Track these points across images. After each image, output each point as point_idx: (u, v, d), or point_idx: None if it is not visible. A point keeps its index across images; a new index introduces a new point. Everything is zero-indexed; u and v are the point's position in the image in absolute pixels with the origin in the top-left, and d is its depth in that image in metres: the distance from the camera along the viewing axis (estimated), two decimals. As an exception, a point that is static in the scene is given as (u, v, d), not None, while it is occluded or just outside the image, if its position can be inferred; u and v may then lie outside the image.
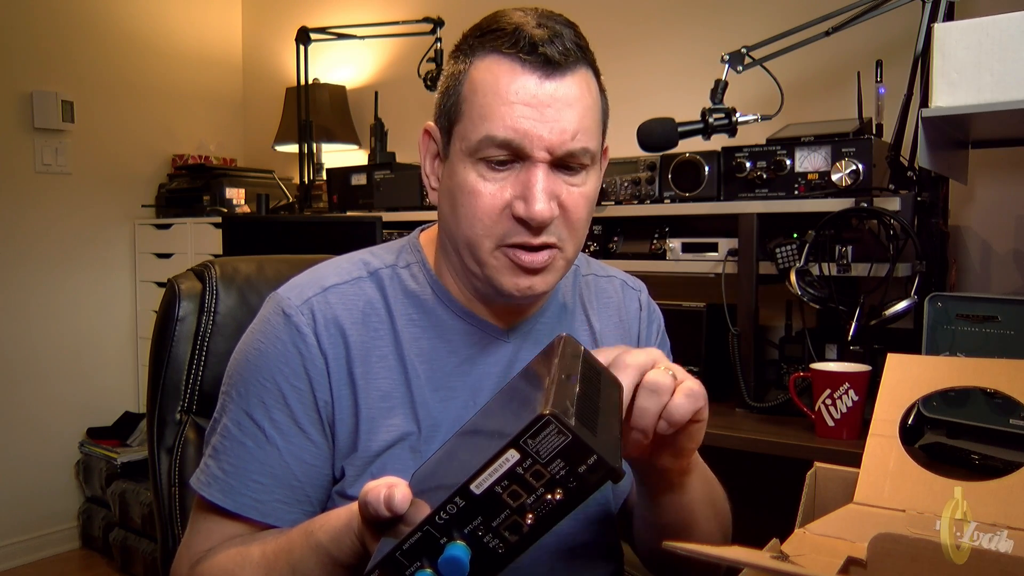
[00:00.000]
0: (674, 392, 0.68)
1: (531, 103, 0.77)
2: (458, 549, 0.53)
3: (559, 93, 0.78)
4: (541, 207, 0.77)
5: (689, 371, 1.96)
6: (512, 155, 0.78)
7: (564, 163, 0.80)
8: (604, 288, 1.01)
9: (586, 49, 0.82)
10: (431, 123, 0.87)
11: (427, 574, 0.54)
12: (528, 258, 0.80)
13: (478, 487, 0.53)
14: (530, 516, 0.54)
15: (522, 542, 0.54)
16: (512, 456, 0.53)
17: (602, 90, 0.86)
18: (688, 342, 1.91)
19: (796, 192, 1.75)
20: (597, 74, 0.85)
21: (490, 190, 0.79)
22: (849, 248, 1.70)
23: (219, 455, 0.83)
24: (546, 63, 0.77)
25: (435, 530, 0.54)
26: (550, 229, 0.80)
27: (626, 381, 0.67)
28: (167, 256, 3.14)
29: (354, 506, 0.67)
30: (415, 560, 0.54)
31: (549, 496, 0.53)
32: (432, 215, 1.07)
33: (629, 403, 0.68)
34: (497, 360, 0.89)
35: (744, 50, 1.77)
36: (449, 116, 0.83)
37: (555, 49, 0.77)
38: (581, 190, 0.81)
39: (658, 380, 0.67)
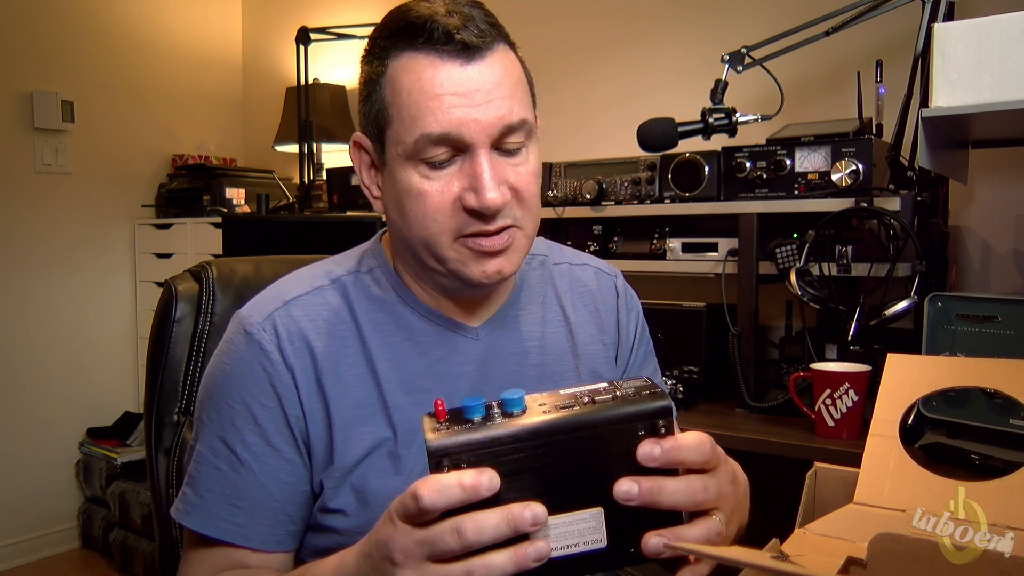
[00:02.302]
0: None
1: (459, 92, 0.75)
2: (522, 392, 0.62)
3: (485, 75, 0.77)
4: (493, 195, 0.76)
5: (689, 371, 1.94)
6: (452, 149, 0.77)
7: (504, 144, 0.79)
8: (579, 277, 0.99)
9: (499, 26, 0.81)
10: (359, 133, 0.85)
11: (481, 398, 0.61)
12: (488, 242, 0.79)
13: (564, 389, 0.64)
14: (584, 402, 0.61)
15: (562, 420, 0.60)
16: (603, 385, 0.64)
17: (523, 62, 0.84)
18: (688, 342, 1.91)
19: (796, 192, 1.75)
20: (515, 47, 0.83)
21: (436, 187, 0.78)
22: (849, 248, 1.70)
23: (195, 482, 0.82)
24: (465, 49, 0.76)
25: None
26: (504, 212, 0.79)
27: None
28: (167, 256, 3.14)
29: (341, 554, 0.68)
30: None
31: (607, 400, 0.61)
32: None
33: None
34: (469, 358, 0.87)
35: (744, 50, 1.77)
36: (377, 123, 0.81)
37: (471, 33, 0.76)
38: (526, 168, 0.81)
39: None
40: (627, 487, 0.60)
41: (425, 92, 0.76)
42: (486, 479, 0.57)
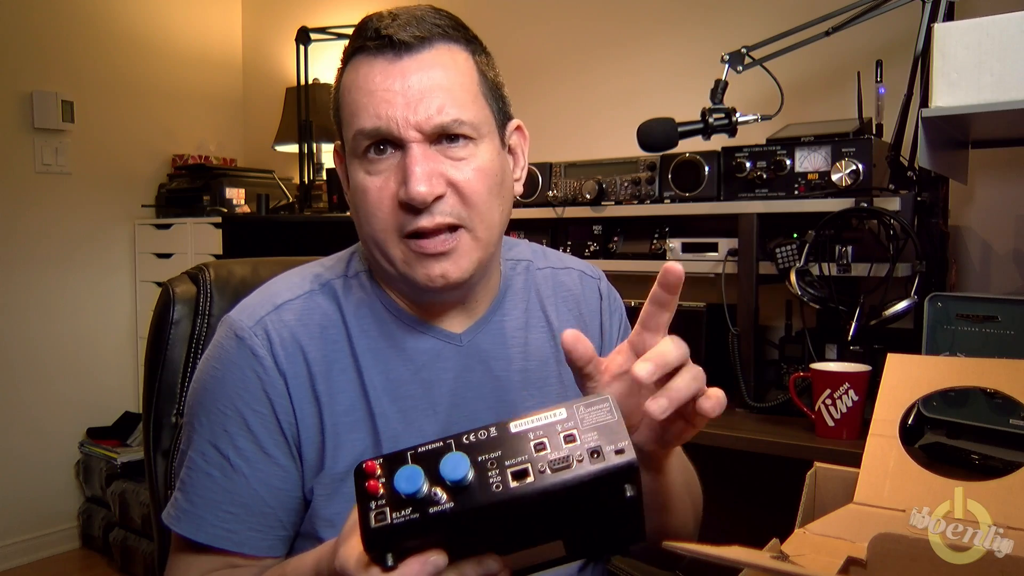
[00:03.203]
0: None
1: (391, 88, 0.77)
2: (465, 460, 0.55)
3: (415, 70, 0.77)
4: (420, 187, 0.76)
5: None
6: (390, 146, 0.78)
7: (443, 138, 0.79)
8: (562, 281, 0.99)
9: (451, 28, 0.81)
10: (339, 141, 0.87)
11: (415, 468, 0.54)
12: (429, 244, 0.78)
13: (516, 427, 0.57)
14: (540, 467, 0.55)
15: (515, 495, 0.54)
16: (559, 413, 0.57)
17: (484, 65, 0.84)
18: (688, 342, 1.90)
19: (796, 192, 1.75)
20: (475, 50, 0.83)
21: (376, 184, 0.79)
22: (849, 248, 1.70)
23: (187, 488, 0.81)
24: (392, 44, 0.77)
25: (457, 445, 0.56)
26: (443, 209, 0.78)
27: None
28: (167, 256, 3.14)
29: (320, 548, 0.68)
30: (420, 463, 0.56)
31: (567, 459, 0.55)
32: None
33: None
34: (452, 365, 0.87)
35: (744, 50, 1.77)
36: (337, 126, 0.84)
37: (404, 31, 0.77)
38: (471, 164, 0.79)
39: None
40: (655, 406, 0.63)
41: (360, 89, 0.79)
42: (431, 568, 0.55)
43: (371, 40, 0.78)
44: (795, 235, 1.74)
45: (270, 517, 0.81)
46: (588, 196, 2.04)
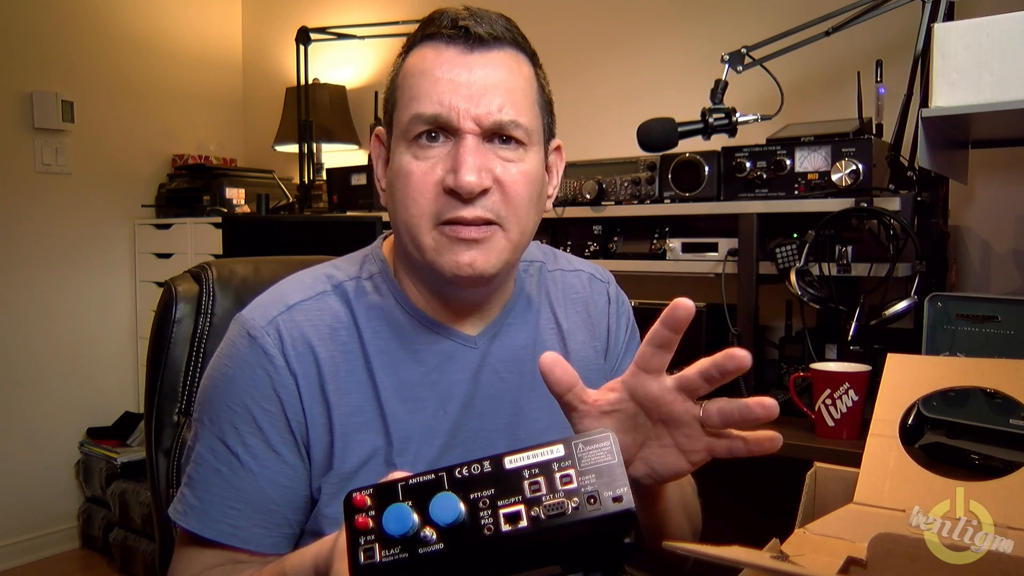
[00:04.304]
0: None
1: (457, 78, 0.78)
2: (456, 501, 0.53)
3: (484, 68, 0.79)
4: (470, 176, 0.76)
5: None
6: (443, 133, 0.79)
7: (496, 137, 0.79)
8: (571, 283, 0.99)
9: (520, 38, 0.83)
10: (380, 127, 0.87)
11: (405, 507, 0.53)
12: (464, 230, 0.78)
13: (511, 462, 0.54)
14: (533, 513, 0.53)
15: (506, 539, 0.53)
16: (557, 450, 0.54)
17: (542, 79, 0.86)
18: (688, 342, 1.90)
19: (796, 192, 1.75)
20: (535, 63, 0.85)
21: (422, 168, 0.79)
22: (849, 248, 1.70)
23: (194, 483, 0.82)
24: (467, 35, 0.79)
25: (449, 480, 0.54)
26: (485, 203, 0.78)
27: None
28: (167, 256, 3.14)
29: (318, 545, 0.69)
30: (411, 498, 0.54)
31: (562, 504, 0.53)
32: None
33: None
34: (464, 367, 0.87)
35: (744, 50, 1.77)
36: (388, 109, 0.84)
37: (477, 25, 0.79)
38: (519, 167, 0.80)
39: None
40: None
41: (426, 75, 0.79)
42: None
43: (446, 28, 0.79)
44: (795, 235, 1.74)
45: (276, 515, 0.81)
46: (588, 196, 2.04)
